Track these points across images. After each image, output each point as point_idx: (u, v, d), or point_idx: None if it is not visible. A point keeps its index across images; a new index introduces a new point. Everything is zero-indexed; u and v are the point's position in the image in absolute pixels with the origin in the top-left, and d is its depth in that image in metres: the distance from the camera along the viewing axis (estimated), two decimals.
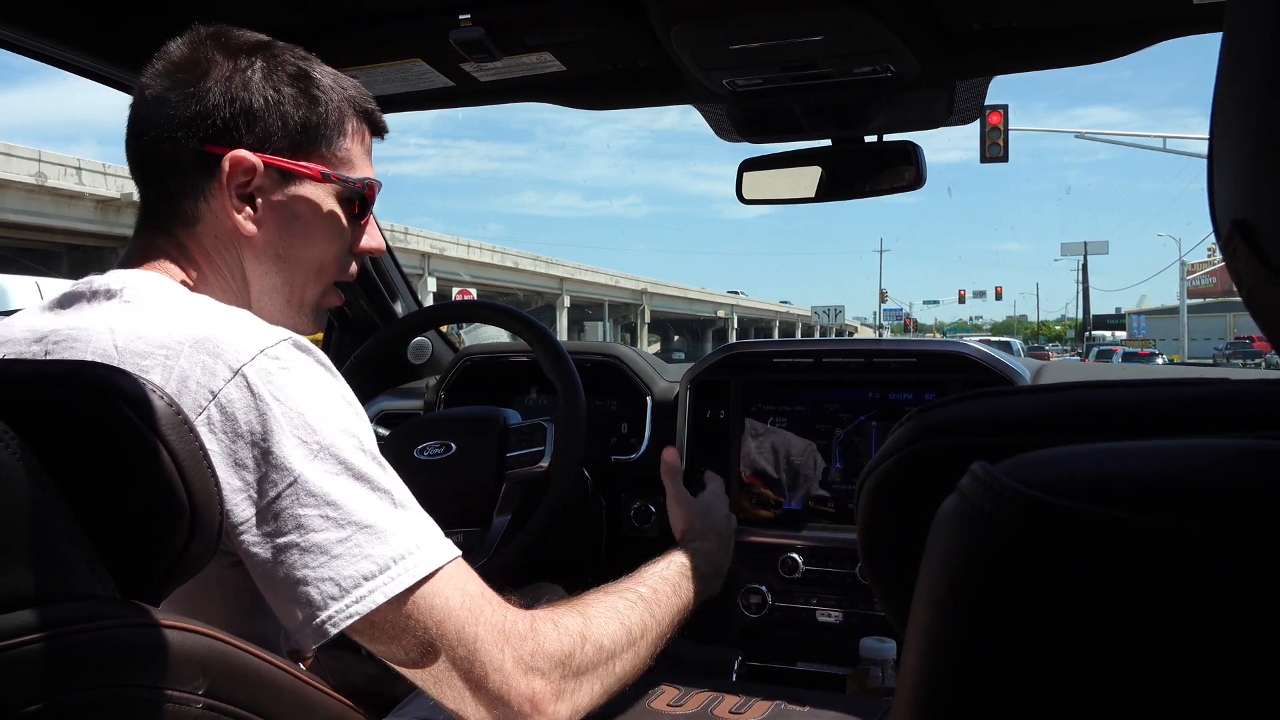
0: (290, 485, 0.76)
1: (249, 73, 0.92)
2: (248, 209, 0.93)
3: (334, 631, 0.76)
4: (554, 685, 0.85)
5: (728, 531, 1.34)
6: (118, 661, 0.63)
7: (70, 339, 0.83)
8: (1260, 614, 0.29)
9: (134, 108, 0.93)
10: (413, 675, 0.82)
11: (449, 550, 0.82)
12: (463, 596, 0.82)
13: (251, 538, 0.77)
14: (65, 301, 0.89)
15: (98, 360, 0.78)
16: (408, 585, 0.78)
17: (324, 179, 0.97)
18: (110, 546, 0.67)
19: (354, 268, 1.05)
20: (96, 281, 0.88)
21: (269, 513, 0.76)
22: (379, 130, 1.03)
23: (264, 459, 0.77)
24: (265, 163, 0.93)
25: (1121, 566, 0.30)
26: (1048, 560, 0.32)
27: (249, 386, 0.77)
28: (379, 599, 0.77)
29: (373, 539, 0.77)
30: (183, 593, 0.77)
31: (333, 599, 0.76)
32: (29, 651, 0.58)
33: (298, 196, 0.96)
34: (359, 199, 1.00)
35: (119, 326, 0.82)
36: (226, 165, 0.91)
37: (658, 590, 1.05)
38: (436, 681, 0.81)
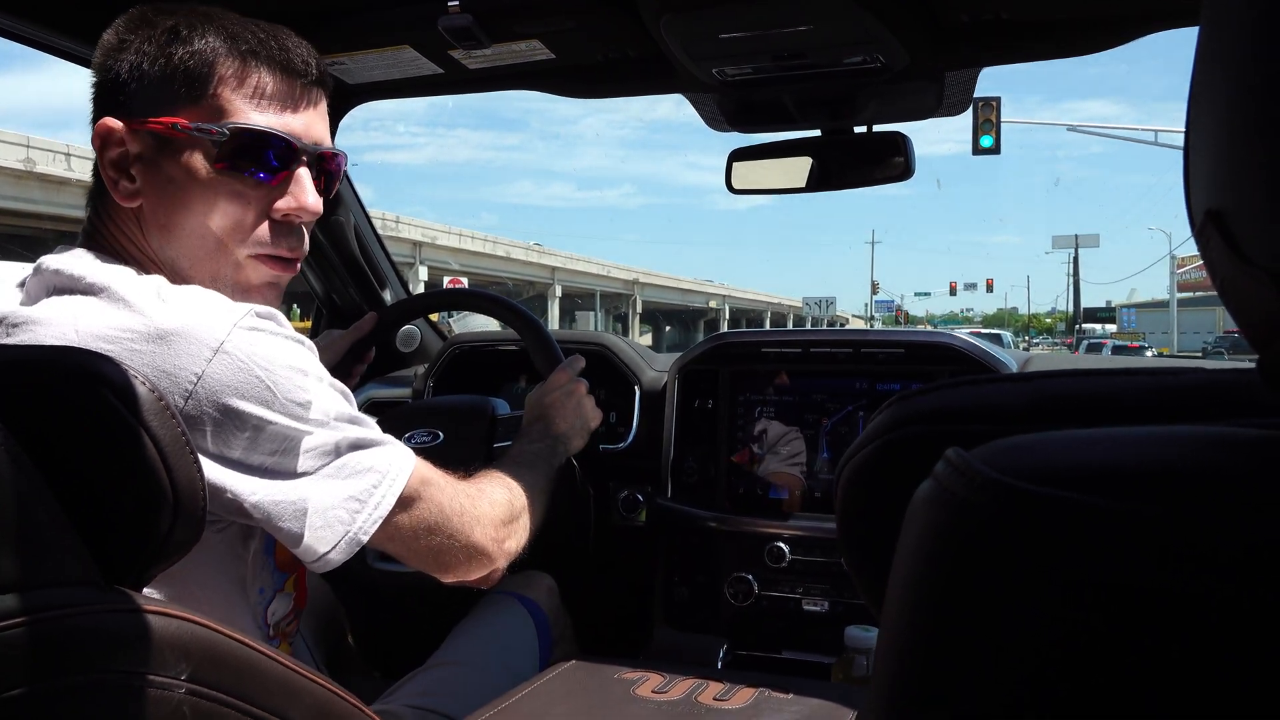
0: (290, 440, 0.83)
1: (135, 42, 0.89)
2: (124, 181, 0.90)
3: (364, 539, 0.88)
4: (505, 529, 1.07)
5: (555, 409, 1.42)
6: (100, 647, 0.63)
7: (31, 322, 0.82)
8: (1232, 598, 0.29)
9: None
10: (419, 558, 0.97)
11: (410, 450, 0.95)
12: (439, 478, 0.99)
13: (265, 496, 0.82)
14: (22, 284, 0.90)
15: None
16: (405, 480, 0.91)
17: (178, 131, 0.88)
18: (93, 532, 0.67)
19: (305, 240, 0.98)
20: (46, 261, 0.88)
21: (280, 466, 0.83)
22: (287, 69, 0.92)
23: (261, 424, 0.81)
24: (127, 125, 0.89)
25: (1094, 551, 0.31)
26: (1020, 545, 0.32)
27: (232, 359, 0.80)
28: (390, 499, 0.89)
29: (367, 455, 0.89)
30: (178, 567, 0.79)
31: (357, 512, 0.87)
32: (11, 636, 0.58)
33: (170, 159, 0.89)
34: (251, 151, 0.90)
35: (81, 315, 0.81)
36: (97, 137, 0.91)
37: (531, 464, 1.25)
38: (439, 553, 0.98)
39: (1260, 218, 0.32)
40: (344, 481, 0.87)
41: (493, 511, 1.06)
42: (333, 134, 1.83)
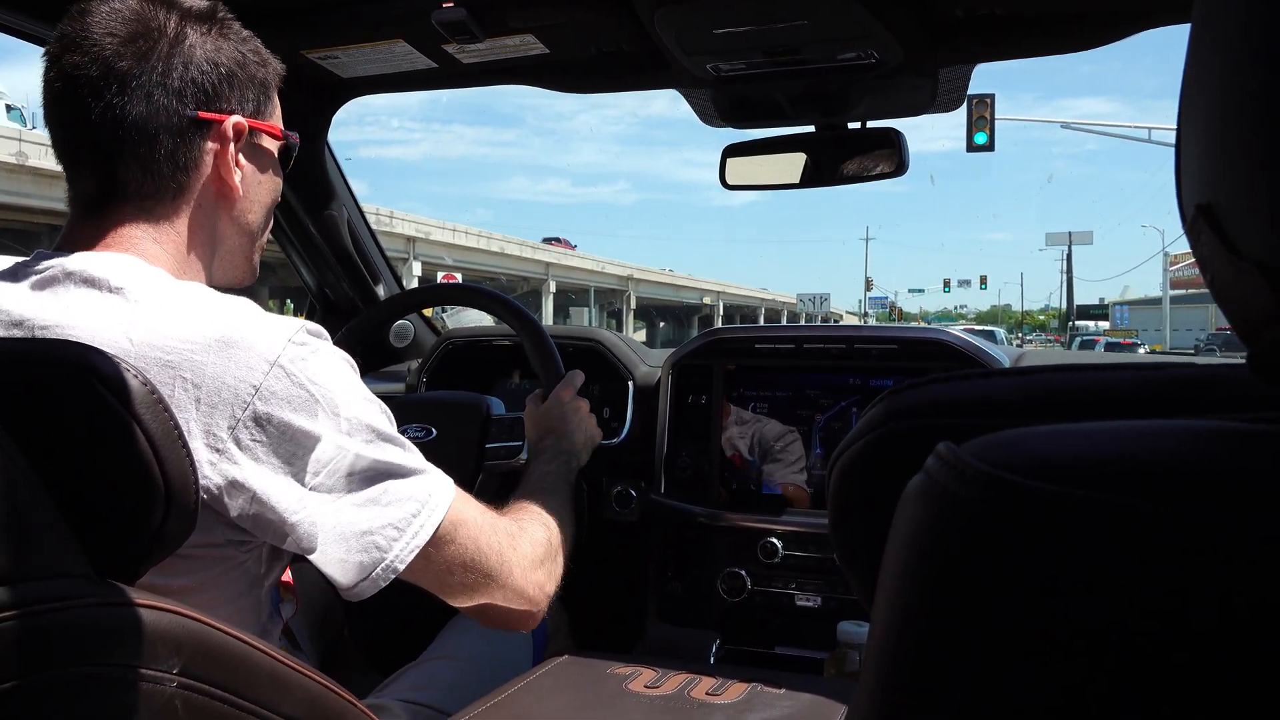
0: (337, 460, 0.83)
1: (217, 36, 0.92)
2: (237, 170, 0.94)
3: (401, 569, 0.86)
4: (546, 569, 1.04)
5: (563, 424, 1.42)
6: (92, 640, 0.63)
7: (65, 326, 0.80)
8: (1224, 592, 0.29)
9: (91, 80, 0.86)
10: (452, 594, 0.94)
11: (450, 481, 0.93)
12: (477, 512, 0.96)
13: (308, 515, 0.81)
14: (39, 287, 0.84)
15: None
16: (444, 513, 0.89)
17: (282, 137, 1.00)
18: (85, 525, 0.67)
19: None
20: (68, 264, 0.84)
21: (322, 486, 0.82)
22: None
23: (310, 441, 0.81)
24: (250, 125, 0.94)
25: (1084, 545, 0.31)
26: (1010, 538, 0.32)
27: (287, 375, 0.80)
28: (428, 531, 0.87)
29: (408, 484, 0.88)
30: (189, 579, 0.80)
31: (394, 540, 0.86)
32: (2, 630, 0.58)
33: (264, 154, 0.99)
34: (291, 151, 1.03)
35: (131, 325, 0.79)
36: (229, 130, 0.92)
37: (555, 488, 1.25)
38: (473, 591, 0.95)
39: (1251, 211, 0.32)
40: (384, 508, 0.85)
41: (533, 552, 1.02)
42: (326, 128, 1.83)
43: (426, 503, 0.88)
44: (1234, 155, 0.33)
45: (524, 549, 1.00)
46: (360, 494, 0.84)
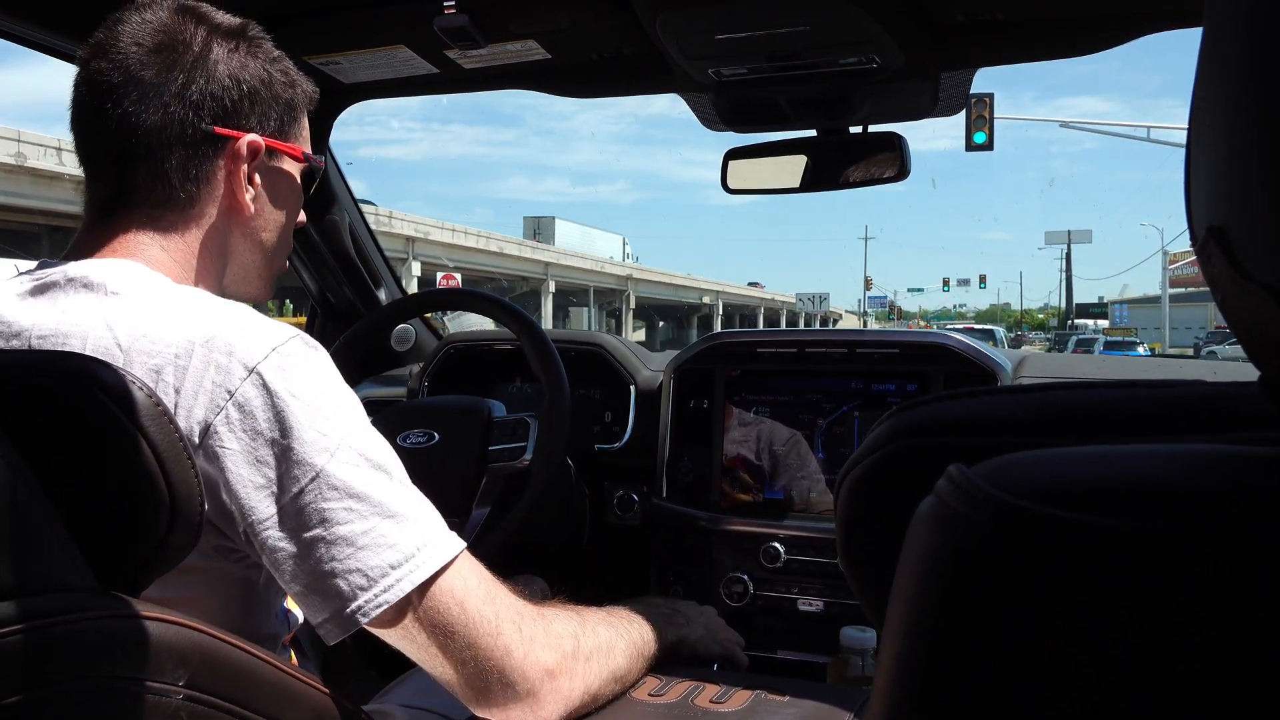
0: (313, 480, 0.78)
1: (244, 54, 0.93)
2: (249, 189, 0.94)
3: (364, 622, 0.78)
4: (564, 663, 0.89)
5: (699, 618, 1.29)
6: (98, 653, 0.63)
7: (60, 334, 0.80)
8: (1234, 617, 0.29)
9: (113, 87, 0.88)
10: (430, 661, 0.84)
11: (458, 539, 0.85)
12: (479, 580, 0.85)
13: (275, 534, 0.78)
14: (38, 293, 0.85)
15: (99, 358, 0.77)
16: (433, 571, 0.80)
17: (303, 159, 1.00)
18: (89, 537, 0.67)
19: None
20: (70, 270, 0.85)
21: (292, 508, 0.78)
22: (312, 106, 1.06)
23: (284, 455, 0.78)
24: (267, 145, 0.95)
25: (1094, 569, 0.31)
26: (1019, 562, 0.32)
27: (265, 384, 0.78)
28: (407, 586, 0.79)
29: (396, 528, 0.80)
30: (187, 591, 0.79)
31: (361, 589, 0.78)
32: (8, 644, 0.58)
33: (281, 175, 0.99)
34: (315, 175, 1.04)
35: (119, 324, 0.80)
36: (244, 149, 0.92)
37: (633, 618, 1.08)
38: (458, 663, 0.83)
39: (1261, 235, 0.33)
40: (360, 550, 0.78)
41: (547, 639, 0.88)
42: (328, 133, 1.83)
43: (412, 556, 0.79)
44: (1242, 181, 0.33)
45: (534, 630, 0.87)
46: (338, 528, 0.78)
